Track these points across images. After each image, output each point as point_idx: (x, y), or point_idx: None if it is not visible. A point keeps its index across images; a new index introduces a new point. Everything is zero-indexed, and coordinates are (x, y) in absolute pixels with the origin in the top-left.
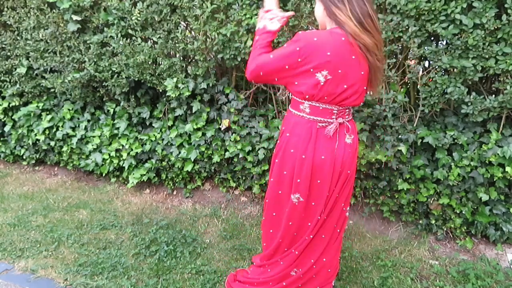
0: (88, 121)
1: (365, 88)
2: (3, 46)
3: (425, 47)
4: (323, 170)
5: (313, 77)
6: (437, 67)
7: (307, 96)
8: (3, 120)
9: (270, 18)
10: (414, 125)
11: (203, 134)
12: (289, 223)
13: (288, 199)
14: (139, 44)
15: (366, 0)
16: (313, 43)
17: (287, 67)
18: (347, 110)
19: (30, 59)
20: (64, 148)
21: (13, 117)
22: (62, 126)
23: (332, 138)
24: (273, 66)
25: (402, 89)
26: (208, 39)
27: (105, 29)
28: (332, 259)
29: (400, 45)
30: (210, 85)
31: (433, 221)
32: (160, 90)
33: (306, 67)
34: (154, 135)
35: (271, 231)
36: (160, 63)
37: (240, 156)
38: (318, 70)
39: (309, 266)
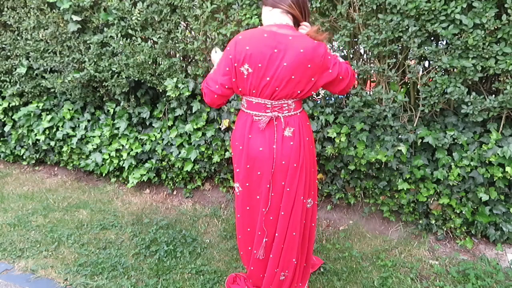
0: (88, 121)
1: (312, 79)
2: (3, 46)
3: (425, 47)
4: (262, 162)
5: (239, 72)
6: (437, 67)
7: (240, 89)
8: (3, 120)
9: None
10: (414, 125)
11: (203, 134)
12: (237, 215)
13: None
14: (139, 44)
15: None
16: (237, 40)
17: (227, 68)
18: (285, 104)
19: (30, 59)
20: (64, 148)
21: (13, 117)
22: (62, 126)
23: (268, 131)
24: (218, 74)
25: (402, 89)
26: (208, 39)
27: (105, 29)
28: (306, 254)
29: (400, 45)
30: None
31: (433, 221)
32: (160, 90)
33: (235, 64)
34: (154, 135)
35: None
36: (160, 63)
37: None
38: (241, 65)
39: (293, 266)
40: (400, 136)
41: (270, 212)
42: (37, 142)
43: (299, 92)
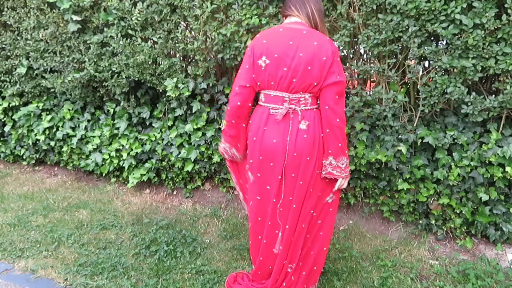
0: (88, 121)
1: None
2: (3, 46)
3: (425, 47)
4: (275, 153)
5: (257, 65)
6: (437, 67)
7: (258, 83)
8: (3, 120)
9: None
10: (414, 125)
11: (203, 134)
12: (249, 203)
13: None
14: (139, 44)
15: None
16: (255, 38)
17: (247, 66)
18: (302, 98)
19: (30, 59)
20: (64, 148)
21: (13, 117)
22: (62, 126)
23: (283, 123)
24: (238, 77)
25: (402, 89)
26: (208, 39)
27: (105, 29)
28: (319, 250)
29: (400, 45)
30: (210, 85)
31: (433, 221)
32: (160, 90)
33: (253, 60)
34: (154, 135)
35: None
36: (160, 63)
37: None
38: (259, 58)
39: (298, 258)
40: (400, 136)
41: (282, 204)
42: (37, 142)
43: (315, 84)
